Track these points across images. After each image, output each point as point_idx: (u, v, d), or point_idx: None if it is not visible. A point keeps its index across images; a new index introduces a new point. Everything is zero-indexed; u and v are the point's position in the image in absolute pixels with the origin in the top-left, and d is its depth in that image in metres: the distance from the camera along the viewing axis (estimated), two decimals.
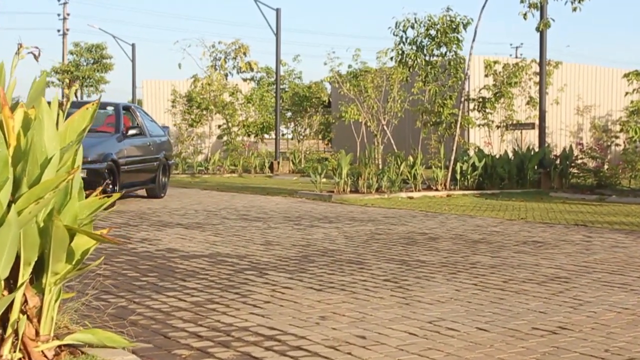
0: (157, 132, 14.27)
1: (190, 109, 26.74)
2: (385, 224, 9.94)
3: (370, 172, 14.82)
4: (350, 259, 6.88)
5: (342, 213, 11.35)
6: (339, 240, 8.25)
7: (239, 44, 25.52)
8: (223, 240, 8.06)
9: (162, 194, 13.93)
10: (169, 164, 14.44)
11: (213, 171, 23.43)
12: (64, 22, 54.45)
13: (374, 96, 22.35)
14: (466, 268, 6.42)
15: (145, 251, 7.19)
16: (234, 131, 27.01)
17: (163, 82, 31.69)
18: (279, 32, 24.36)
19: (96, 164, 11.08)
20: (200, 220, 10.13)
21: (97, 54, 35.84)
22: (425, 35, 15.77)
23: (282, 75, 28.49)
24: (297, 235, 8.64)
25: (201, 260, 6.68)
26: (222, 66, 25.80)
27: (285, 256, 6.99)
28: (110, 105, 13.62)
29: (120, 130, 12.39)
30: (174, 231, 8.84)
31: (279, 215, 10.98)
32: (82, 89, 35.81)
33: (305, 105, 28.80)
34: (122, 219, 10.10)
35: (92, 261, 3.84)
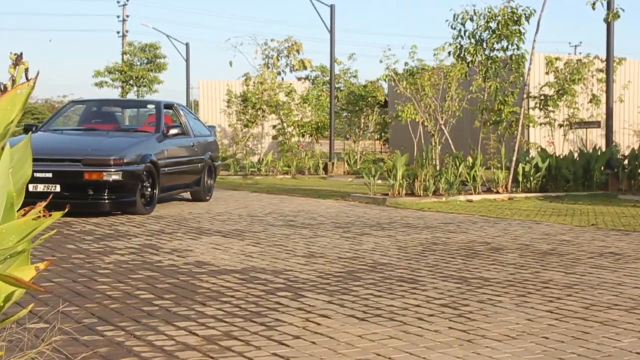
0: (202, 132, 13.53)
1: (245, 109, 26.10)
2: (443, 231, 9.03)
3: (427, 173, 13.89)
4: (402, 275, 6.00)
5: (396, 218, 10.46)
6: (391, 251, 7.37)
7: (292, 41, 24.72)
8: (261, 252, 7.24)
9: (208, 197, 13.18)
10: (215, 165, 13.68)
11: (266, 172, 22.69)
12: (123, 23, 54.42)
13: (431, 95, 21.40)
14: (537, 289, 5.49)
15: (170, 265, 6.40)
16: (289, 131, 26.28)
17: (218, 82, 31.14)
18: (333, 29, 23.52)
19: (133, 165, 10.36)
20: (241, 227, 9.34)
21: (150, 53, 35.36)
22: (485, 29, 14.78)
23: (337, 74, 27.68)
24: (345, 245, 7.78)
25: (231, 277, 5.87)
26: (275, 64, 25.03)
27: (328, 272, 6.14)
28: (151, 103, 12.96)
29: (160, 130, 11.66)
30: (210, 240, 8.05)
31: (328, 221, 10.14)
32: (138, 89, 35.45)
33: (361, 105, 27.93)
34: (159, 225, 9.36)
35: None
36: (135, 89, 34.95)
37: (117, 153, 10.24)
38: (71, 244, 7.64)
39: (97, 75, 35.06)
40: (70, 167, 10.08)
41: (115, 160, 10.12)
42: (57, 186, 10.03)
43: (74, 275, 5.84)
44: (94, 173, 9.98)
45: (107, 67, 34.85)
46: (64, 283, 5.50)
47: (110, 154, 10.18)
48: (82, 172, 9.99)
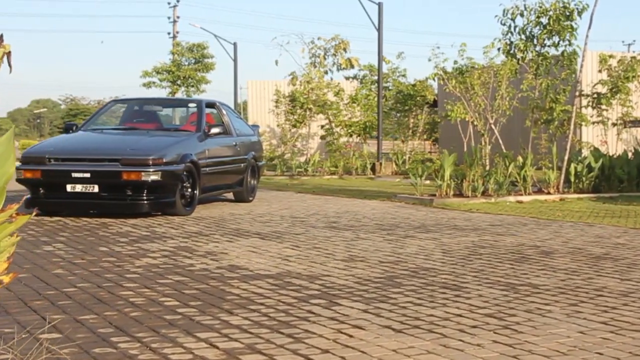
0: (246, 131, 13.28)
1: (293, 109, 25.87)
2: (491, 233, 8.63)
3: (476, 173, 13.47)
4: (446, 281, 5.64)
5: (442, 220, 10.08)
6: (435, 255, 7.01)
7: (339, 40, 24.36)
8: (299, 255, 6.94)
9: (251, 198, 12.92)
10: (259, 165, 13.40)
11: (313, 173, 22.41)
12: (173, 25, 54.67)
13: (481, 93, 20.92)
14: (591, 297, 5.10)
15: (203, 269, 6.13)
16: (337, 132, 25.98)
17: (267, 82, 30.98)
18: (381, 27, 23.15)
19: (172, 165, 10.13)
20: (282, 228, 9.05)
21: (198, 53, 35.27)
22: (535, 24, 14.28)
23: (385, 73, 27.30)
24: (387, 248, 7.44)
25: (264, 282, 5.57)
26: (322, 63, 24.72)
27: (367, 277, 5.80)
28: (193, 102, 12.74)
29: (201, 129, 11.42)
30: (248, 242, 7.77)
31: (372, 222, 9.80)
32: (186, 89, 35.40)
33: (409, 104, 27.52)
34: (197, 227, 9.11)
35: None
36: (183, 89, 34.88)
37: (156, 152, 10.02)
38: (104, 246, 7.41)
39: (145, 76, 35.10)
40: (108, 167, 9.88)
41: (154, 160, 9.89)
42: (95, 186, 9.84)
43: (100, 279, 5.59)
44: (132, 173, 9.77)
45: (155, 68, 34.84)
46: (88, 288, 5.24)
47: (149, 154, 9.96)
48: (120, 172, 9.78)
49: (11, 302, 4.76)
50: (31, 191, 10.25)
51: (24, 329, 4.06)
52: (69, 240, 7.78)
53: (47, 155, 10.09)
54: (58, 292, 5.09)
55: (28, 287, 5.26)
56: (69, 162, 10.06)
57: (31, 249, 7.14)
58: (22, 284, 5.38)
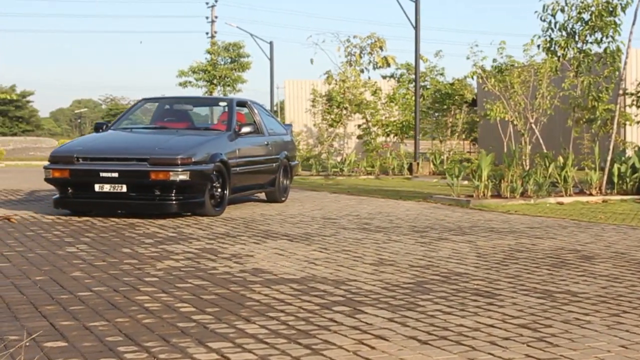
0: (278, 130, 13.05)
1: (330, 109, 25.63)
2: (529, 236, 8.31)
3: (515, 174, 13.10)
4: (479, 288, 5.35)
5: (478, 222, 9.77)
6: (469, 259, 6.71)
7: (375, 38, 24.06)
8: (327, 258, 6.68)
9: (283, 198, 12.68)
10: (292, 165, 13.16)
11: (348, 173, 22.13)
12: (212, 24, 54.71)
13: (521, 92, 20.52)
14: (634, 306, 4.78)
15: (225, 272, 5.90)
16: (374, 131, 25.69)
17: (303, 81, 30.79)
18: (418, 25, 22.80)
19: (202, 165, 9.92)
20: (312, 230, 8.80)
21: (234, 52, 35.13)
22: (577, 20, 13.86)
23: (423, 72, 26.92)
24: (419, 251, 7.16)
25: (287, 287, 5.32)
26: (357, 62, 24.44)
27: (395, 283, 5.53)
28: (223, 100, 12.53)
29: (232, 128, 11.21)
30: (275, 244, 7.53)
31: (406, 224, 9.52)
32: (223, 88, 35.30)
33: (448, 103, 27.13)
34: (225, 228, 8.89)
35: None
36: (219, 89, 34.78)
37: (184, 152, 9.82)
38: (128, 247, 7.22)
39: (181, 75, 35.07)
40: (136, 167, 9.71)
41: (182, 159, 9.70)
42: (124, 186, 9.67)
43: (118, 283, 5.38)
44: (160, 173, 9.58)
45: (191, 67, 34.76)
46: (103, 292, 5.04)
47: (177, 153, 9.77)
48: (148, 171, 9.60)
49: (22, 307, 4.57)
50: (59, 191, 10.11)
51: (30, 336, 3.86)
52: (93, 241, 7.60)
53: (75, 155, 9.95)
54: (72, 297, 4.89)
55: (42, 291, 5.07)
56: (97, 161, 9.91)
57: (54, 250, 6.97)
58: (36, 287, 5.19)
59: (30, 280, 5.44)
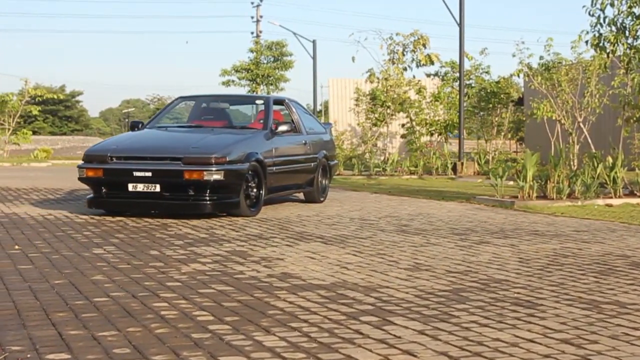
0: (317, 129, 12.76)
1: (374, 108, 25.30)
2: (575, 240, 7.92)
3: (561, 174, 12.67)
4: (519, 297, 5.02)
5: (522, 224, 9.39)
6: (510, 264, 6.37)
7: (418, 35, 23.66)
8: (360, 262, 6.38)
9: (322, 199, 12.40)
10: (331, 164, 12.87)
11: (391, 172, 21.77)
12: (257, 24, 54.64)
13: (568, 90, 20.05)
14: None
15: (251, 277, 5.63)
16: (418, 130, 25.31)
17: (347, 80, 30.48)
18: (462, 21, 22.36)
19: (236, 164, 9.69)
20: (348, 232, 8.51)
21: (277, 51, 34.92)
22: (627, 14, 13.36)
23: (468, 70, 26.46)
24: (458, 255, 6.83)
25: (314, 294, 5.03)
26: (400, 59, 24.06)
27: (430, 290, 5.21)
28: (260, 98, 12.28)
29: (268, 127, 10.95)
30: (308, 247, 7.25)
31: (446, 226, 9.18)
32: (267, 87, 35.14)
33: (493, 102, 26.63)
34: (259, 229, 8.64)
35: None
36: (262, 88, 34.61)
37: (219, 151, 9.59)
38: (156, 249, 7.00)
39: (224, 74, 34.95)
40: (170, 166, 9.50)
41: (216, 158, 9.47)
42: (157, 186, 9.47)
43: (138, 288, 5.15)
44: (194, 172, 9.36)
45: (234, 66, 34.64)
46: (121, 298, 4.80)
47: (211, 152, 9.54)
48: (182, 171, 9.39)
49: (33, 314, 4.34)
50: (93, 190, 9.95)
51: (34, 346, 3.62)
52: (122, 243, 7.40)
53: (109, 154, 9.77)
54: (86, 303, 4.65)
55: (58, 296, 4.85)
56: (131, 160, 9.72)
57: (80, 252, 6.77)
58: (53, 292, 4.98)
59: (49, 284, 5.23)
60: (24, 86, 32.98)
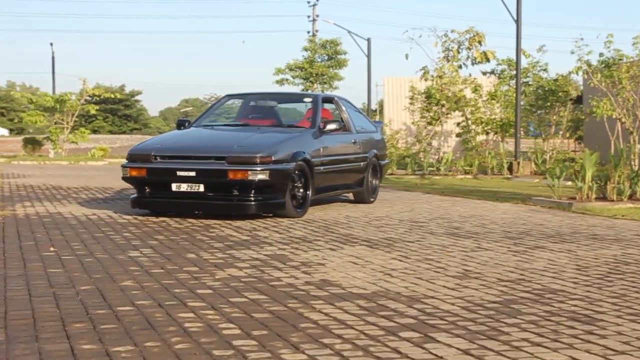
0: (367, 128, 12.41)
1: (429, 106, 24.83)
2: (638, 246, 7.45)
3: (622, 175, 12.12)
4: (576, 310, 4.61)
5: (580, 228, 8.93)
6: (567, 272, 5.95)
7: (474, 32, 23.10)
8: (405, 269, 6.02)
9: (372, 199, 12.04)
10: (381, 164, 12.50)
11: (445, 172, 21.30)
12: (313, 23, 54.44)
13: (629, 88, 19.38)
14: None
15: (288, 285, 5.31)
16: (473, 129, 24.77)
17: (402, 79, 30.01)
18: (519, 17, 21.76)
19: (282, 164, 9.39)
20: (396, 234, 8.15)
21: (331, 49, 34.58)
22: None
23: (525, 68, 25.82)
24: (511, 262, 6.42)
25: (353, 304, 4.69)
26: (455, 57, 23.54)
27: (479, 301, 4.84)
28: (309, 96, 11.95)
29: (316, 125, 10.64)
30: (352, 251, 6.91)
31: (499, 229, 8.76)
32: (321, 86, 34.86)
33: (551, 100, 25.93)
34: (304, 231, 8.33)
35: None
36: (317, 86, 34.32)
37: (264, 150, 9.31)
38: (194, 252, 6.72)
39: (277, 73, 34.75)
40: (214, 166, 9.24)
41: (261, 158, 9.18)
42: (201, 186, 9.23)
43: (166, 296, 4.86)
44: (238, 172, 9.09)
45: (288, 64, 34.38)
46: (145, 307, 4.52)
47: (256, 151, 9.26)
48: (226, 170, 9.12)
49: (49, 324, 4.08)
50: (137, 190, 9.75)
51: None
52: (160, 245, 7.14)
53: (152, 153, 9.55)
54: (108, 312, 4.38)
55: (80, 304, 4.58)
56: (175, 159, 9.49)
57: (115, 254, 6.53)
58: (76, 299, 4.72)
59: (74, 291, 4.97)
60: (82, 86, 33.19)
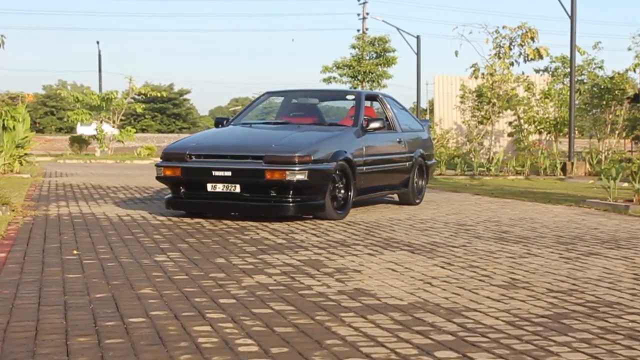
0: (413, 126, 11.96)
1: (480, 105, 24.28)
2: None
3: None
4: (634, 326, 4.15)
5: (638, 232, 8.41)
6: (624, 282, 5.47)
7: (526, 28, 22.48)
8: (447, 277, 5.59)
9: (417, 200, 11.60)
10: (428, 164, 12.03)
11: (496, 172, 20.74)
12: (362, 21, 54.02)
13: None
14: None
15: (319, 294, 4.92)
16: (526, 128, 24.14)
17: (453, 77, 29.47)
18: (574, 13, 21.11)
19: (322, 163, 9.01)
20: (440, 239, 7.71)
21: (379, 47, 34.08)
22: None
23: (579, 65, 25.10)
24: (563, 270, 5.96)
25: (387, 317, 4.28)
26: (507, 54, 22.93)
27: (526, 315, 4.39)
28: (351, 93, 11.53)
29: (359, 124, 10.23)
30: (392, 257, 6.49)
31: (551, 233, 8.27)
32: (370, 84, 34.43)
33: (607, 99, 25.17)
34: (343, 234, 7.93)
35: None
36: (365, 85, 33.85)
37: (303, 149, 8.93)
38: (224, 257, 6.37)
39: (325, 71, 34.34)
40: (250, 165, 8.89)
41: (300, 157, 8.81)
42: (237, 186, 8.89)
43: (185, 306, 4.50)
44: (276, 172, 8.72)
45: (335, 62, 33.99)
46: (160, 319, 4.16)
47: (295, 151, 8.88)
48: (263, 170, 8.76)
49: (51, 337, 3.74)
50: (172, 190, 9.44)
51: None
52: (190, 248, 6.80)
53: (187, 152, 9.23)
54: (118, 324, 4.03)
55: (90, 315, 4.24)
56: (210, 159, 9.16)
57: (140, 259, 6.20)
58: (88, 309, 4.38)
59: (88, 299, 4.64)
60: (128, 84, 33.23)
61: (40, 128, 79.08)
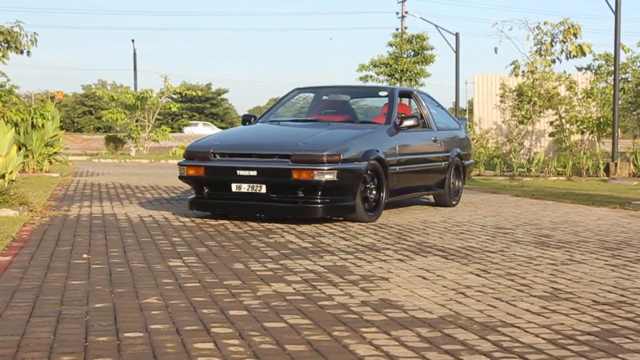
0: (449, 125, 11.47)
1: (520, 104, 23.66)
2: None
3: None
4: None
5: None
6: None
7: (569, 24, 21.81)
8: (483, 286, 5.12)
9: (454, 202, 11.10)
10: (465, 164, 11.53)
11: (536, 173, 20.13)
12: (402, 20, 53.44)
13: None
14: None
15: (340, 305, 4.48)
16: (568, 128, 23.47)
17: (492, 76, 28.86)
18: (618, 8, 20.42)
19: (352, 163, 8.57)
20: (476, 243, 7.23)
21: (417, 44, 33.51)
22: None
23: (624, 63, 24.38)
24: (609, 278, 5.45)
25: (414, 333, 3.83)
26: (548, 51, 22.28)
27: (569, 331, 3.91)
28: (384, 90, 11.07)
29: (392, 121, 9.77)
30: (423, 263, 6.03)
31: (595, 237, 7.75)
32: (409, 83, 33.89)
33: None
34: (373, 238, 7.49)
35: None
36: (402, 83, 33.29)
37: (332, 148, 8.49)
38: (243, 262, 5.96)
39: (361, 69, 33.83)
40: (277, 164, 8.47)
41: (329, 156, 8.38)
42: (263, 186, 8.48)
43: (190, 318, 4.08)
44: (303, 171, 8.30)
45: (372, 61, 33.47)
46: (159, 334, 3.75)
47: (323, 149, 8.45)
48: (290, 170, 8.34)
49: (30, 356, 3.34)
50: (195, 190, 9.07)
51: None
52: (208, 252, 6.40)
53: (211, 150, 8.85)
54: (111, 340, 3.62)
55: (82, 328, 3.84)
56: (235, 157, 8.76)
57: (153, 263, 5.81)
58: (82, 321, 3.98)
59: (85, 309, 4.24)
60: (163, 83, 33.06)
61: (79, 127, 79.56)
